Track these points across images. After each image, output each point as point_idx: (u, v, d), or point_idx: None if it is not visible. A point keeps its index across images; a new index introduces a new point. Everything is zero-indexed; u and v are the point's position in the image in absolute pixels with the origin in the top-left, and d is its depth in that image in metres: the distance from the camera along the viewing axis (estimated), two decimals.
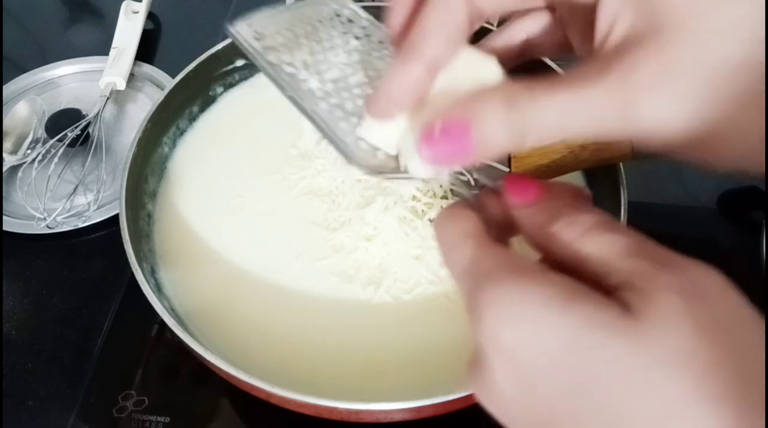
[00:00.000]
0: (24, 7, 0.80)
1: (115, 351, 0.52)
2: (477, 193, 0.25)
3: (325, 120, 0.26)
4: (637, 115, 0.21)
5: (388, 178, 0.26)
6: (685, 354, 0.17)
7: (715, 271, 0.19)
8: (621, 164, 0.48)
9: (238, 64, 0.59)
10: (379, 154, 0.25)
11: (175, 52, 0.74)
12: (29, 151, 0.62)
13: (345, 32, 0.30)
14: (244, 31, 0.29)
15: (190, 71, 0.55)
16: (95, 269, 0.57)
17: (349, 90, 0.27)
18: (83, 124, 0.62)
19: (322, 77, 0.28)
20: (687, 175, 0.62)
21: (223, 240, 0.51)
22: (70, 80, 0.70)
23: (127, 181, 0.48)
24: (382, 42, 0.29)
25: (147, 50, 0.72)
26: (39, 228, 0.57)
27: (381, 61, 0.28)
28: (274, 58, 0.28)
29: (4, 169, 0.60)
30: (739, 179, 0.58)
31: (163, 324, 0.45)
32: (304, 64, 0.28)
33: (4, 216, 0.58)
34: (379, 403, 0.38)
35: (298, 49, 0.29)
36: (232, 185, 0.54)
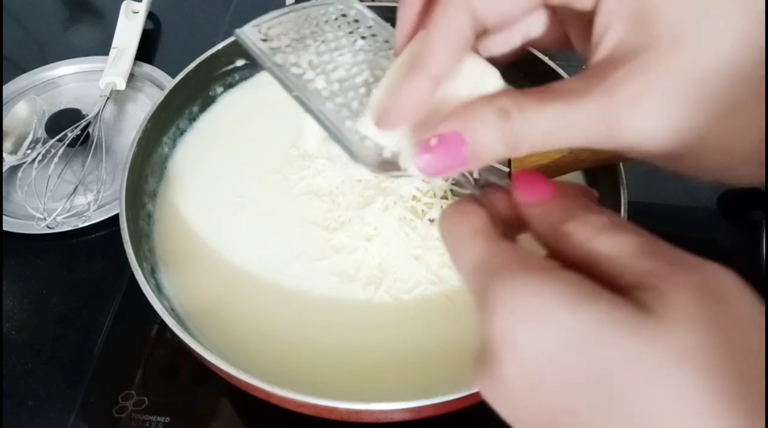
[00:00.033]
0: (24, 7, 0.80)
1: (115, 351, 0.52)
2: (482, 191, 0.25)
3: (332, 119, 0.26)
4: (619, 129, 0.22)
5: (394, 177, 0.26)
6: (702, 355, 0.17)
7: (730, 271, 0.19)
8: (621, 164, 0.48)
9: (238, 64, 0.59)
10: (385, 153, 0.25)
11: (175, 52, 0.74)
12: (29, 151, 0.62)
13: (351, 32, 0.30)
14: (251, 33, 0.29)
15: (190, 71, 0.55)
16: (95, 269, 0.57)
17: (356, 89, 0.27)
18: (83, 124, 0.62)
19: (328, 77, 0.28)
20: None
21: (223, 240, 0.51)
22: (70, 80, 0.70)
23: (127, 181, 0.48)
24: (388, 41, 0.29)
25: (147, 50, 0.72)
26: (39, 228, 0.57)
27: (387, 61, 0.28)
28: (280, 59, 0.28)
29: (4, 169, 0.60)
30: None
31: (163, 324, 0.45)
32: (310, 64, 0.28)
33: (4, 216, 0.58)
34: (379, 403, 0.38)
35: (304, 49, 0.29)
36: (232, 185, 0.54)
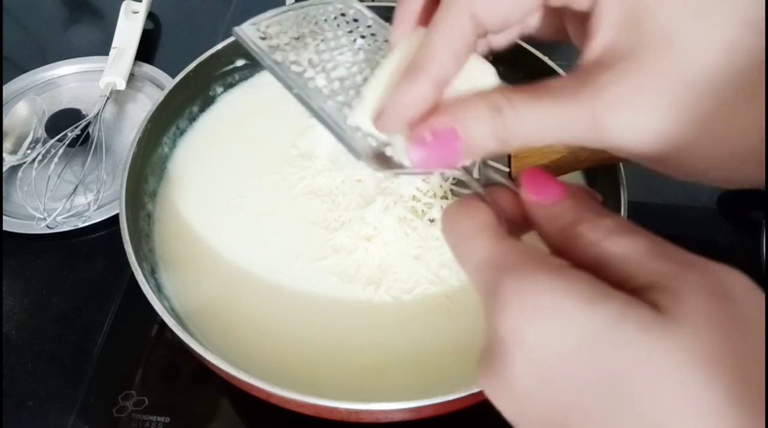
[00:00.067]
0: (24, 7, 0.80)
1: (115, 351, 0.52)
2: (486, 189, 0.25)
3: (333, 117, 0.26)
4: (606, 129, 0.22)
5: (396, 174, 0.26)
6: (715, 356, 0.17)
7: (740, 273, 0.19)
8: (621, 164, 0.48)
9: (238, 64, 0.59)
10: (387, 151, 0.25)
11: (175, 52, 0.74)
12: (29, 151, 0.62)
13: (350, 31, 0.30)
14: (250, 32, 0.29)
15: (190, 71, 0.55)
16: (95, 269, 0.57)
17: (356, 88, 0.27)
18: (83, 124, 0.62)
19: (328, 75, 0.28)
20: None
21: (223, 240, 0.51)
22: (70, 80, 0.70)
23: (127, 181, 0.48)
24: (388, 41, 0.29)
25: (147, 50, 0.72)
26: (39, 228, 0.57)
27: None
28: (280, 57, 0.28)
29: (4, 169, 0.60)
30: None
31: (163, 324, 0.45)
32: (310, 62, 0.28)
33: (4, 216, 0.58)
34: (379, 403, 0.38)
35: (304, 48, 0.29)
36: (232, 185, 0.54)
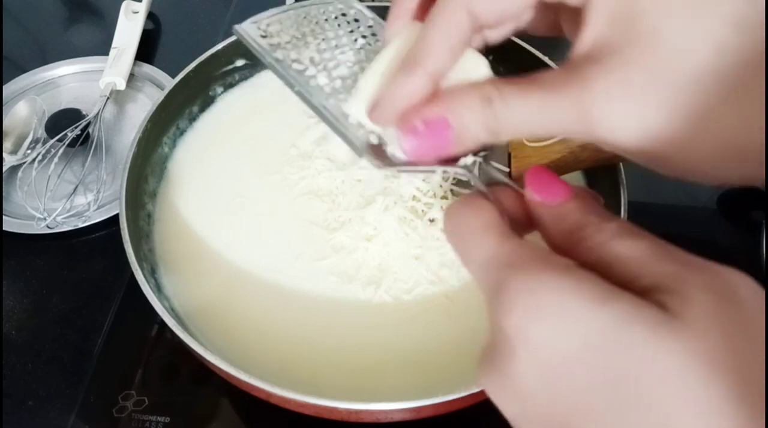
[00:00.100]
0: (24, 7, 0.80)
1: (115, 351, 0.51)
2: (489, 188, 0.25)
3: (335, 115, 0.26)
4: (592, 122, 0.22)
5: (400, 171, 0.26)
6: (722, 357, 0.17)
7: (746, 275, 0.19)
8: (621, 164, 0.48)
9: (238, 64, 0.59)
10: (389, 148, 0.25)
11: (175, 52, 0.74)
12: (29, 151, 0.62)
13: (351, 31, 0.30)
14: (250, 30, 0.29)
15: (190, 71, 0.55)
16: (95, 269, 0.57)
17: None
18: (83, 124, 0.62)
19: (330, 74, 0.28)
20: None
21: (223, 240, 0.51)
22: (70, 80, 0.70)
23: (127, 181, 0.48)
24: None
25: (147, 50, 0.72)
26: (39, 228, 0.57)
27: None
28: (281, 55, 0.28)
29: (4, 169, 0.60)
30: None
31: (163, 324, 0.45)
32: (311, 61, 0.28)
33: (4, 216, 0.58)
34: (379, 403, 0.38)
35: (305, 46, 0.29)
36: (232, 185, 0.54)
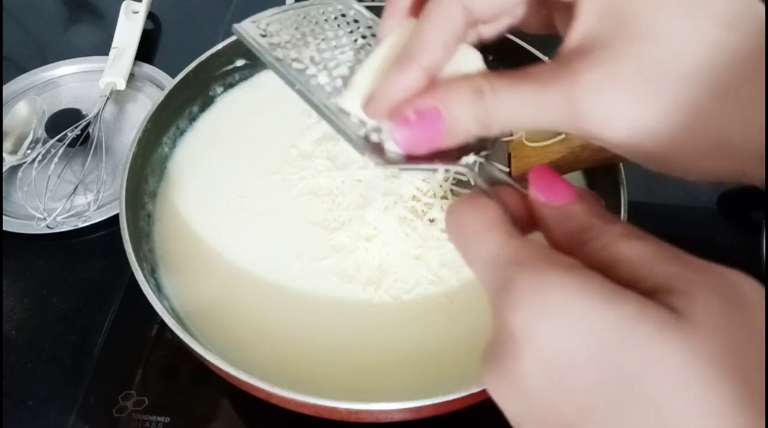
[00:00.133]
0: (24, 7, 0.80)
1: (115, 351, 0.51)
2: (491, 187, 0.24)
3: (336, 113, 0.26)
4: (581, 114, 0.22)
5: (401, 169, 0.26)
6: (723, 357, 0.17)
7: (749, 276, 0.19)
8: (621, 164, 0.48)
9: (238, 64, 0.59)
10: (386, 144, 0.25)
11: (175, 52, 0.74)
12: (29, 151, 0.62)
13: (351, 31, 0.30)
14: (250, 29, 0.29)
15: (190, 71, 0.55)
16: (95, 269, 0.57)
17: None
18: (83, 124, 0.62)
19: (330, 73, 0.28)
20: None
21: (223, 240, 0.51)
22: (70, 80, 0.70)
23: (127, 181, 0.48)
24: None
25: (147, 50, 0.72)
26: (39, 228, 0.57)
27: None
28: (281, 54, 0.28)
29: (4, 169, 0.60)
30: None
31: (163, 324, 0.45)
32: (312, 60, 0.28)
33: (4, 216, 0.58)
34: (379, 403, 0.38)
35: (305, 46, 0.29)
36: (232, 185, 0.54)
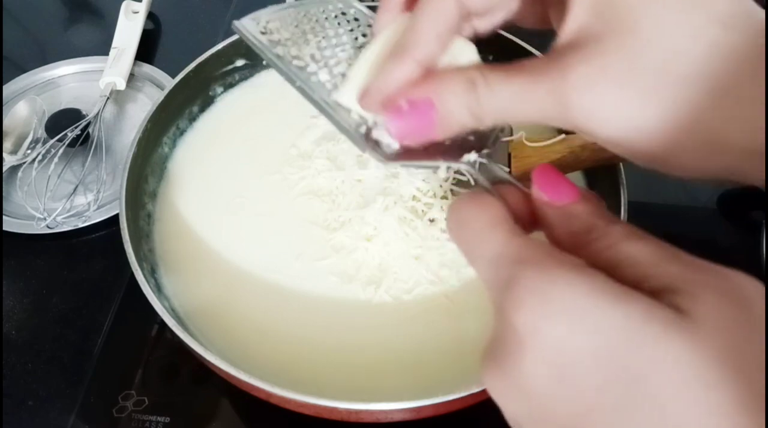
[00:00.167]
0: (24, 7, 0.80)
1: (115, 351, 0.51)
2: (493, 186, 0.24)
3: (337, 110, 0.26)
4: (571, 109, 0.22)
5: (403, 166, 0.26)
6: (725, 357, 0.17)
7: (753, 278, 0.19)
8: (621, 164, 0.48)
9: (238, 64, 0.59)
10: (383, 139, 0.25)
11: (175, 52, 0.74)
12: (29, 151, 0.62)
13: (352, 30, 0.30)
14: (250, 26, 0.29)
15: (190, 71, 0.55)
16: (95, 269, 0.57)
17: None
18: (83, 124, 0.62)
19: (331, 71, 0.28)
20: None
21: (223, 240, 0.51)
22: (70, 80, 0.70)
23: (127, 181, 0.48)
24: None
25: (147, 50, 0.72)
26: (39, 228, 0.57)
27: None
28: (281, 51, 0.28)
29: (4, 169, 0.60)
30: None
31: (163, 324, 0.45)
32: (312, 58, 0.28)
33: (4, 216, 0.58)
34: (379, 403, 0.38)
35: (305, 44, 0.29)
36: (232, 185, 0.54)
